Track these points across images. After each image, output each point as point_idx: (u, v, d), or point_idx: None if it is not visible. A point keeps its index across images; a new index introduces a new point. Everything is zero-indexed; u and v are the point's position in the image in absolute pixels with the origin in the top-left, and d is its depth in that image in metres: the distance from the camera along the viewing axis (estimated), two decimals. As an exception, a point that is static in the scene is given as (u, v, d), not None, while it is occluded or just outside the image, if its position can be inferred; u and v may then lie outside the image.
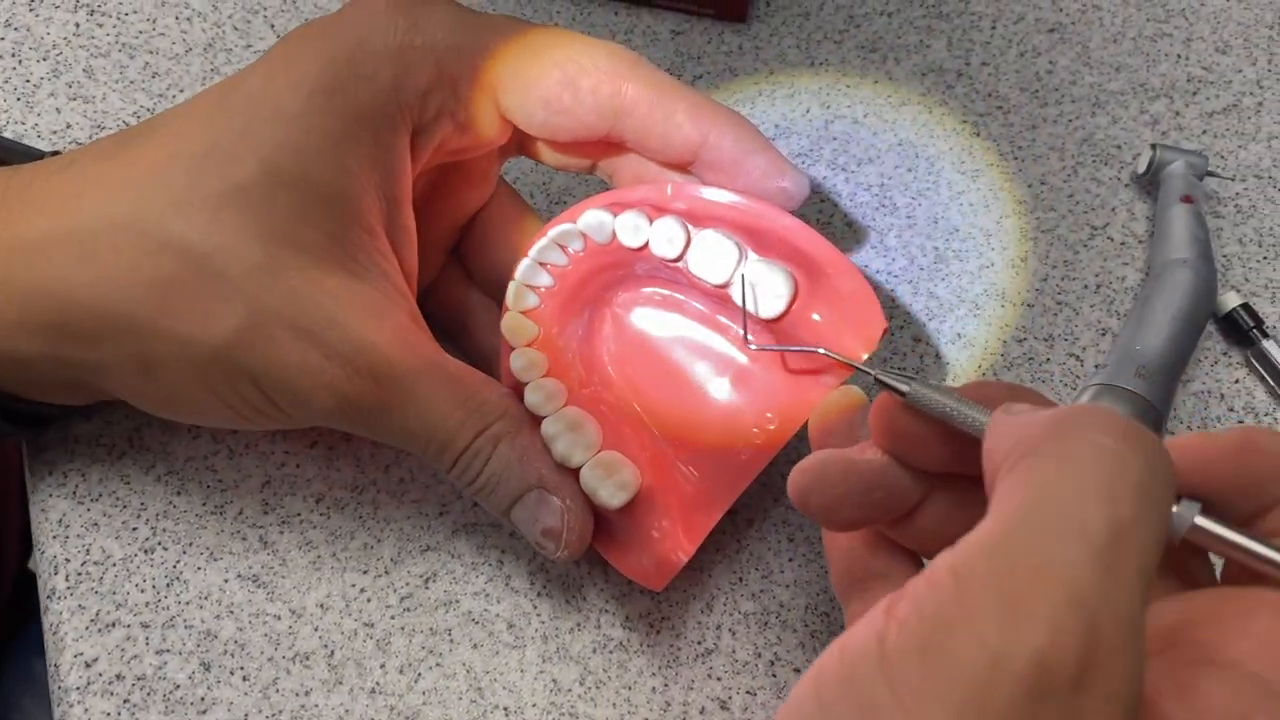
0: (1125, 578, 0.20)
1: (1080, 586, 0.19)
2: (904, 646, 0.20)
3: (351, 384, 0.31)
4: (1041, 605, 0.19)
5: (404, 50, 0.31)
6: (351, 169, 0.31)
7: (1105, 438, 0.22)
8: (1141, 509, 0.21)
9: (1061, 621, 0.19)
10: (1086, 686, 0.19)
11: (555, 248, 0.34)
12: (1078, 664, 0.19)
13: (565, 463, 0.32)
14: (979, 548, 0.21)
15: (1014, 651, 0.19)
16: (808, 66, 0.46)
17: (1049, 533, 0.20)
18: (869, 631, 0.21)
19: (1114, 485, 0.21)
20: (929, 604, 0.20)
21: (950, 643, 0.19)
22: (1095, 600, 0.19)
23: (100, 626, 0.35)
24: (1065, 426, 0.22)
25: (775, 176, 0.33)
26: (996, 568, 0.20)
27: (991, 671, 0.19)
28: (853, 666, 0.21)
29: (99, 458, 0.37)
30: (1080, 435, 0.22)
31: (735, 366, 0.34)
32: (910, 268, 0.42)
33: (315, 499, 0.37)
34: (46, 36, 0.45)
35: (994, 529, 0.21)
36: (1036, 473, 0.21)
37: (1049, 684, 0.19)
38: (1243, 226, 0.44)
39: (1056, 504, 0.21)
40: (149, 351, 0.30)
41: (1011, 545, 0.20)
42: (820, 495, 0.28)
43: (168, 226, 0.30)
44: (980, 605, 0.20)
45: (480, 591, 0.36)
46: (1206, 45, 0.48)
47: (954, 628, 0.19)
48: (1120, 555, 0.20)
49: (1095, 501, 0.20)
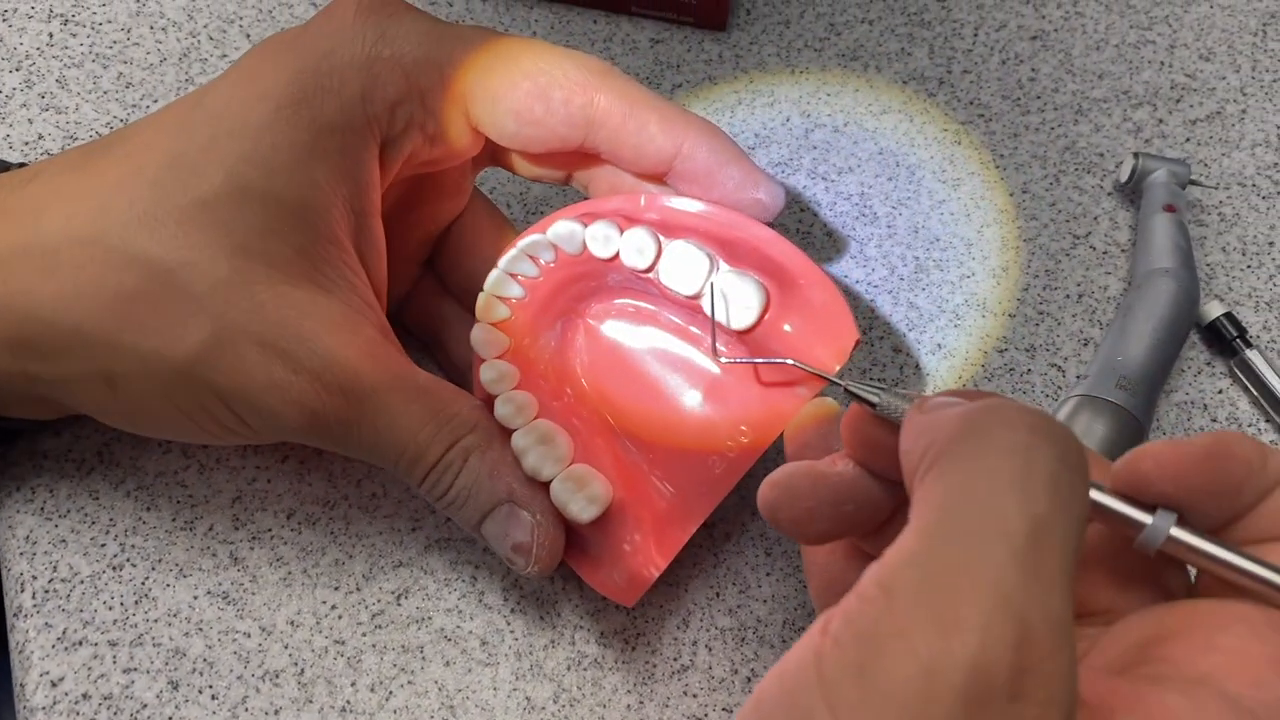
0: (1050, 575, 0.20)
1: (1007, 589, 0.19)
2: (839, 665, 0.20)
3: (320, 399, 0.30)
4: (970, 612, 0.19)
5: (372, 62, 0.31)
6: (319, 182, 0.31)
7: (1013, 433, 0.21)
8: (1057, 502, 0.20)
9: (992, 627, 0.19)
10: (1023, 693, 0.19)
11: (525, 259, 0.33)
12: (1012, 669, 0.19)
13: (536, 476, 0.32)
14: (903, 558, 0.20)
15: (947, 662, 0.19)
16: (788, 74, 0.46)
17: (969, 537, 0.20)
18: (806, 652, 0.21)
19: (1027, 481, 0.20)
20: (860, 620, 0.20)
21: (883, 658, 0.19)
22: (1023, 602, 0.19)
23: (67, 645, 0.34)
24: (973, 424, 0.22)
25: (750, 188, 0.33)
26: (922, 578, 0.20)
27: (927, 685, 0.19)
28: (792, 689, 0.21)
29: (68, 473, 0.37)
30: (988, 432, 0.22)
31: (708, 379, 0.33)
32: (890, 278, 0.42)
33: (286, 514, 0.37)
34: (19, 47, 0.44)
35: (915, 538, 0.21)
36: (950, 475, 0.21)
37: (985, 693, 0.19)
38: (1226, 235, 0.43)
39: (973, 506, 0.20)
40: (113, 367, 0.30)
41: (934, 553, 0.20)
42: (789, 509, 0.27)
43: (132, 241, 0.29)
44: (910, 618, 0.19)
45: (453, 608, 0.36)
46: (1190, 52, 0.47)
47: (886, 643, 0.19)
48: (1042, 552, 0.20)
49: (1010, 500, 0.20)
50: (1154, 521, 0.23)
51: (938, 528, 0.21)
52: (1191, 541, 0.23)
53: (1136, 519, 0.24)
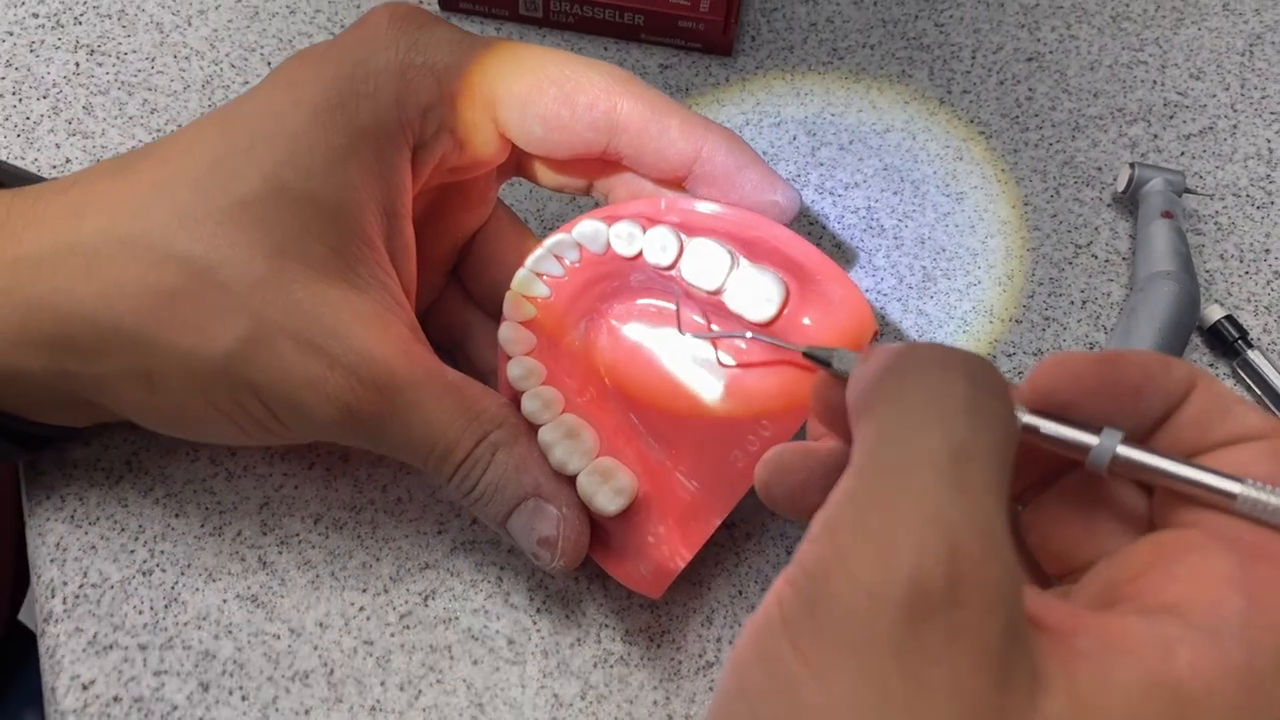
0: (975, 490, 0.21)
1: (934, 507, 0.21)
2: (796, 604, 0.21)
3: (355, 394, 0.31)
4: (903, 533, 0.20)
5: (405, 68, 0.32)
6: (354, 184, 0.32)
7: (928, 368, 0.23)
8: (975, 423, 0.22)
9: (925, 544, 0.20)
10: (961, 600, 0.20)
11: (551, 258, 0.34)
12: (946, 578, 0.20)
13: (562, 470, 0.32)
14: (842, 496, 0.22)
15: (887, 583, 0.20)
16: (793, 97, 0.48)
17: (896, 467, 0.22)
18: (771, 600, 0.22)
19: (944, 408, 0.22)
20: (809, 560, 0.22)
21: (831, 590, 0.21)
22: (952, 517, 0.21)
23: (98, 649, 0.35)
24: (891, 366, 0.24)
25: (768, 190, 0.34)
26: (859, 511, 0.21)
27: (871, 607, 0.20)
28: (759, 634, 0.22)
29: (97, 481, 0.37)
30: (905, 371, 0.23)
31: (729, 376, 0.34)
32: (899, 286, 0.43)
33: (314, 519, 0.37)
34: (47, 76, 0.46)
35: (850, 477, 0.22)
36: (876, 413, 0.23)
37: (925, 604, 0.20)
38: (1223, 243, 0.45)
39: (897, 439, 0.22)
40: (151, 365, 0.31)
41: (867, 487, 0.22)
42: (781, 484, 0.28)
43: (172, 240, 0.30)
44: (851, 549, 0.21)
45: (480, 608, 0.36)
46: (1180, 72, 0.49)
47: (832, 574, 0.21)
48: (965, 470, 0.21)
49: (930, 428, 0.22)
50: (1100, 440, 0.24)
51: (869, 464, 0.22)
52: (1138, 458, 0.24)
53: (1082, 441, 0.25)
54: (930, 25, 0.50)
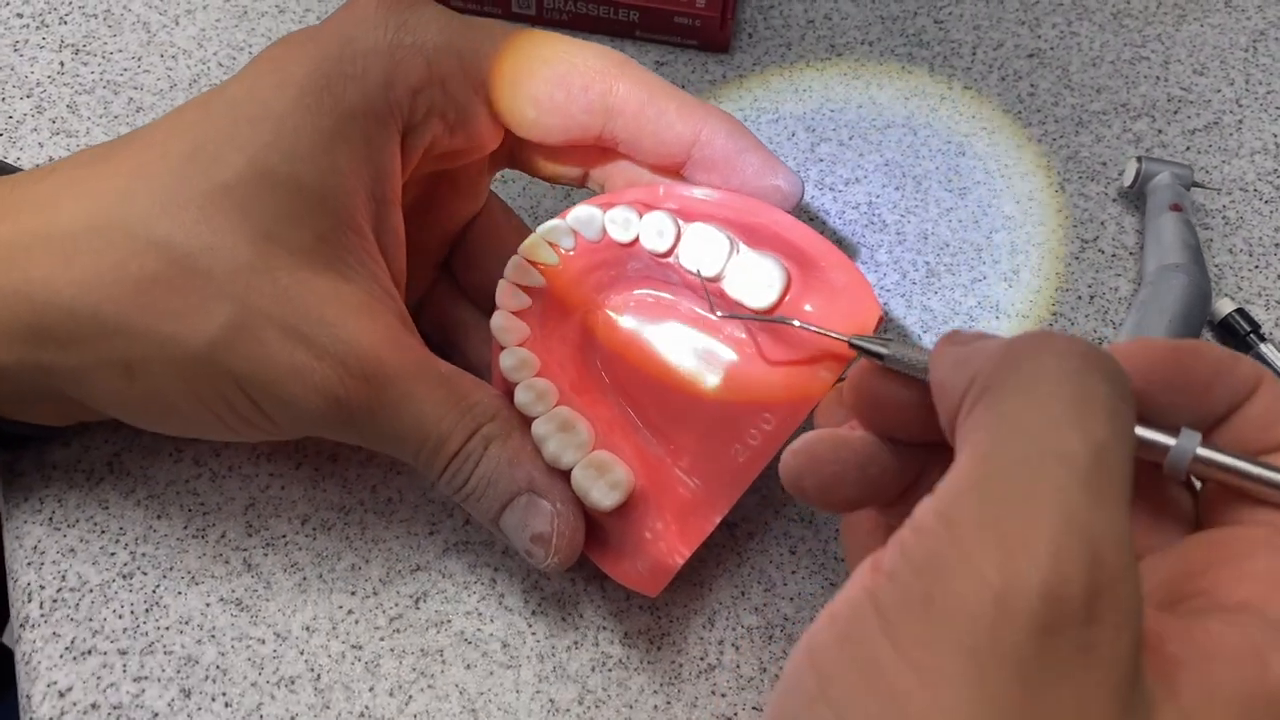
0: (1114, 499, 0.20)
1: (1074, 511, 0.19)
2: (900, 599, 0.19)
3: (343, 385, 0.30)
4: (1039, 536, 0.19)
5: (394, 49, 0.31)
6: (341, 168, 0.31)
7: (1066, 360, 0.21)
8: (1115, 428, 0.20)
9: (1063, 550, 0.18)
10: (1096, 615, 0.18)
11: (545, 245, 0.33)
12: (1085, 592, 0.18)
13: (556, 463, 0.31)
14: (963, 487, 0.20)
15: (1019, 587, 0.18)
16: (792, 93, 0.47)
17: (1030, 462, 0.20)
18: (859, 592, 0.20)
19: (1085, 408, 0.20)
20: (920, 552, 0.20)
21: (950, 587, 0.19)
22: (1091, 524, 0.19)
23: (75, 654, 0.33)
24: (1021, 354, 0.22)
25: (769, 174, 0.33)
26: (985, 504, 0.20)
27: (998, 611, 0.18)
28: (847, 628, 0.20)
29: (77, 483, 0.36)
30: (1039, 362, 0.22)
31: (729, 367, 0.33)
32: (903, 282, 0.42)
33: (301, 520, 0.36)
34: (31, 75, 0.45)
35: (972, 468, 0.20)
36: (1003, 404, 0.21)
37: (1059, 616, 0.18)
38: (1232, 237, 0.44)
39: (1032, 434, 0.20)
40: (131, 354, 0.30)
41: (996, 481, 0.20)
42: (814, 475, 0.27)
43: (153, 226, 0.29)
44: (976, 545, 0.19)
45: (473, 610, 0.35)
46: (1184, 67, 0.48)
47: (951, 572, 0.19)
48: (1105, 477, 0.20)
49: (1071, 426, 0.20)
50: (1179, 441, 0.23)
51: (996, 454, 0.20)
52: (1219, 459, 0.23)
53: (1161, 441, 0.24)
54: (929, 22, 0.49)
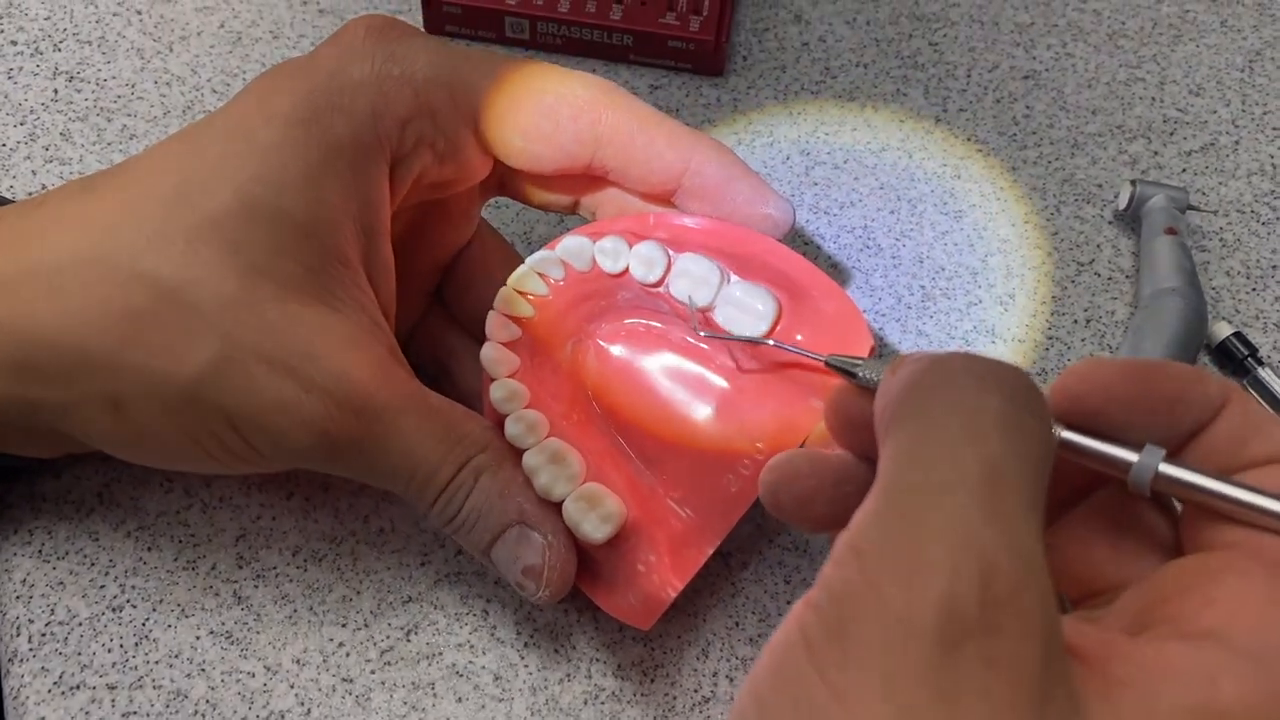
0: (1010, 511, 0.20)
1: (967, 529, 0.20)
2: (821, 629, 0.20)
3: (331, 419, 0.30)
4: (934, 556, 0.19)
5: (382, 80, 0.31)
6: (329, 200, 0.30)
7: (959, 380, 0.22)
8: (1009, 440, 0.21)
9: (958, 567, 0.19)
10: (997, 626, 0.19)
11: (535, 276, 0.33)
12: (981, 604, 0.19)
13: (547, 495, 0.31)
14: (869, 518, 0.21)
15: (918, 606, 0.19)
16: (786, 116, 0.47)
17: (926, 486, 0.20)
18: (792, 624, 0.21)
19: (977, 424, 0.21)
20: (836, 583, 0.20)
21: (858, 614, 0.20)
22: (985, 539, 0.19)
23: (64, 689, 0.33)
24: (921, 379, 0.22)
25: (759, 203, 0.33)
26: (886, 532, 0.20)
27: (903, 634, 0.19)
28: (781, 660, 0.21)
29: (66, 515, 0.36)
30: (935, 385, 0.22)
31: (721, 396, 0.33)
32: (898, 306, 0.42)
33: (292, 551, 0.36)
34: (24, 102, 0.45)
35: (876, 497, 0.21)
36: (904, 430, 0.22)
37: (959, 631, 0.19)
38: (1229, 259, 0.43)
39: (927, 457, 0.21)
40: (118, 389, 0.29)
41: (894, 507, 0.21)
42: (789, 491, 0.27)
43: (139, 260, 0.29)
44: (880, 572, 0.20)
45: (465, 643, 0.34)
46: (1180, 88, 0.48)
47: (862, 599, 0.20)
48: (1000, 490, 0.20)
49: (962, 445, 0.21)
50: (1141, 458, 0.23)
51: (896, 483, 0.21)
52: (1183, 476, 0.23)
53: (1122, 457, 0.23)
54: (924, 44, 0.49)
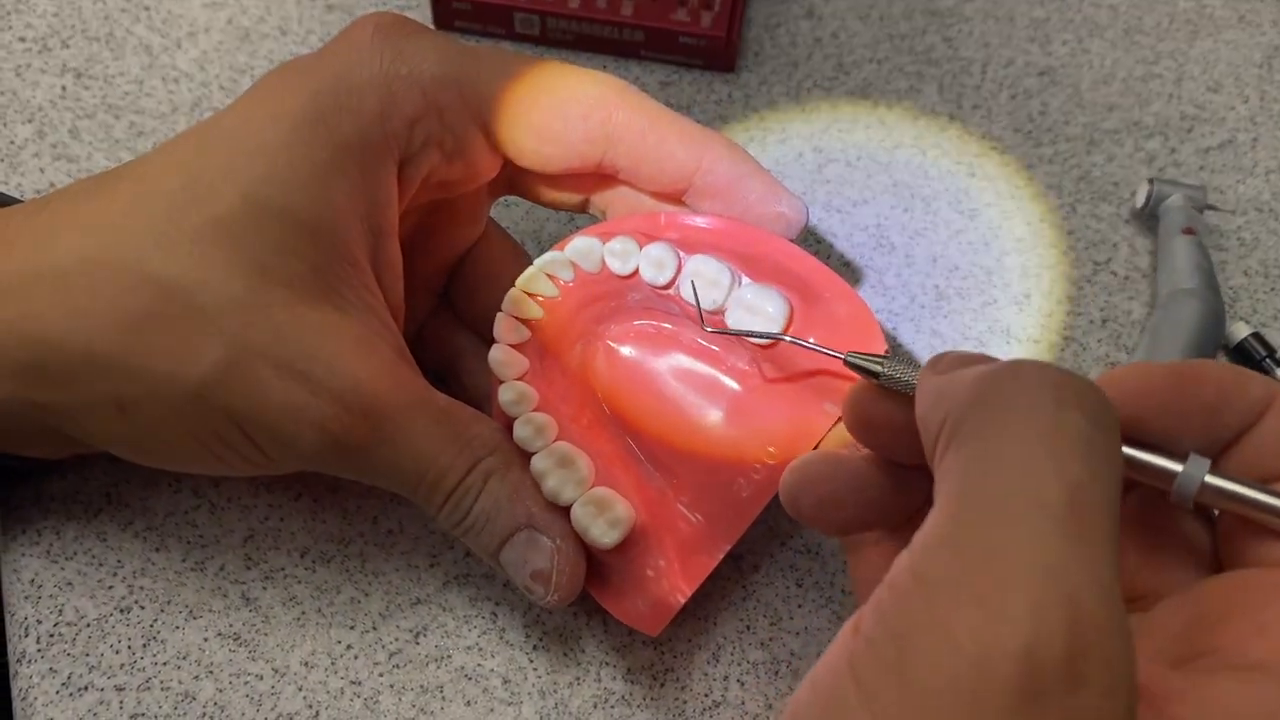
0: (1096, 543, 0.18)
1: (1052, 564, 0.18)
2: (876, 666, 0.18)
3: (339, 421, 0.29)
4: (1016, 594, 0.17)
5: (389, 79, 0.31)
6: (336, 200, 0.30)
7: (1037, 394, 0.20)
8: (1093, 465, 0.19)
9: (1042, 609, 0.17)
10: (1083, 679, 0.17)
11: (544, 277, 0.33)
12: (1067, 651, 0.17)
13: (555, 500, 0.30)
14: (935, 541, 0.19)
15: (997, 651, 0.17)
16: (799, 112, 0.46)
17: (1003, 511, 0.18)
18: (839, 655, 0.19)
19: (1058, 446, 0.19)
20: (894, 614, 0.19)
21: (924, 654, 0.18)
22: (1071, 576, 0.18)
23: (72, 690, 0.33)
24: (991, 387, 0.21)
25: (772, 201, 0.32)
26: (958, 560, 0.18)
27: (977, 679, 0.17)
28: (826, 697, 0.19)
29: (75, 515, 0.36)
30: (1009, 395, 0.20)
31: (733, 400, 0.32)
32: (911, 305, 0.41)
33: (300, 553, 0.35)
34: (32, 99, 0.44)
35: (945, 518, 0.19)
36: (973, 446, 0.20)
37: (1042, 682, 0.17)
38: (1247, 259, 0.43)
39: (1003, 478, 0.19)
40: (124, 392, 0.29)
41: (968, 533, 0.19)
42: (810, 494, 0.26)
43: (145, 261, 0.29)
44: (950, 605, 0.18)
45: (473, 645, 0.34)
46: (1197, 85, 0.48)
47: (925, 636, 0.18)
48: (1084, 520, 0.18)
49: (1044, 467, 0.19)
50: (1186, 468, 0.22)
51: (968, 504, 0.19)
52: (1229, 487, 0.22)
53: (1167, 468, 0.22)
54: (939, 40, 0.49)
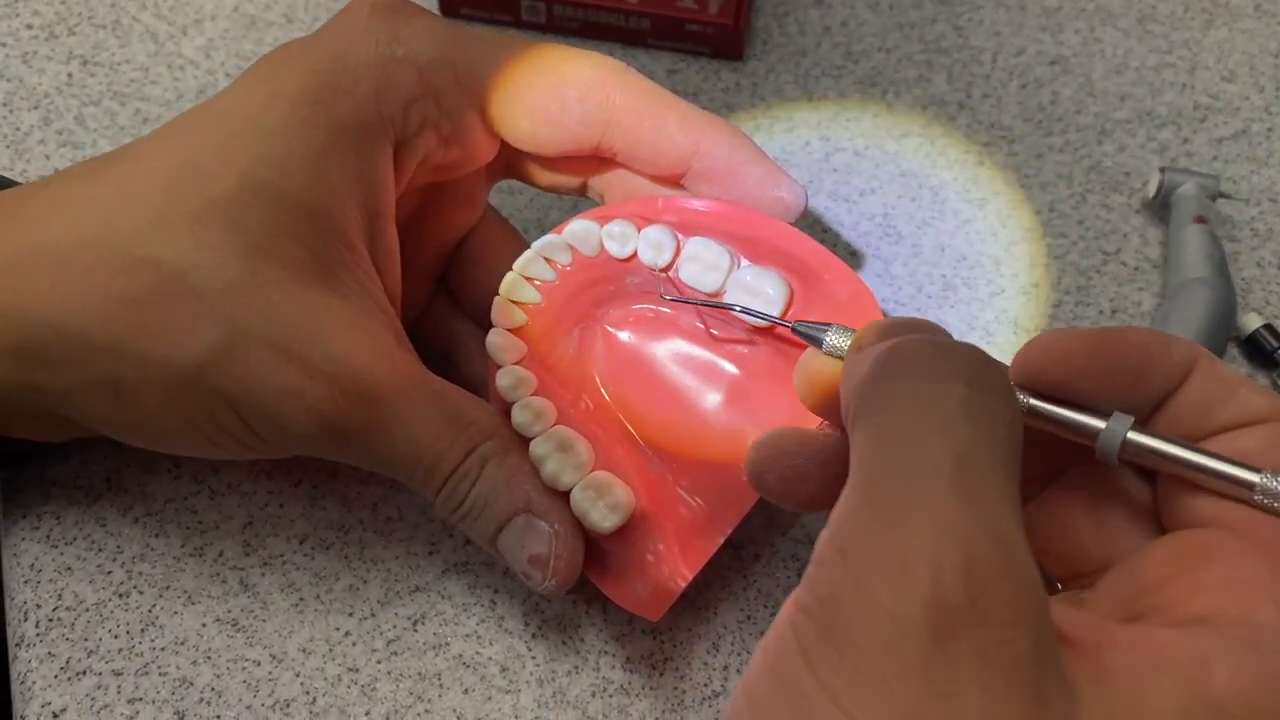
0: (986, 497, 0.20)
1: (946, 519, 0.19)
2: (813, 630, 0.20)
3: (335, 405, 0.29)
4: (917, 550, 0.19)
5: (386, 61, 0.31)
6: (333, 182, 0.30)
7: (919, 368, 0.22)
8: (976, 425, 0.21)
9: (939, 558, 0.19)
10: (985, 615, 0.19)
11: (541, 261, 0.32)
12: (968, 594, 0.19)
13: (554, 484, 0.30)
14: (847, 515, 0.21)
15: (907, 601, 0.19)
16: (806, 101, 0.46)
17: (899, 480, 0.20)
18: (783, 625, 0.21)
19: (941, 413, 0.21)
20: (822, 584, 0.20)
21: (849, 614, 0.19)
22: (964, 527, 0.19)
23: (70, 674, 0.33)
24: (882, 367, 0.22)
25: (771, 185, 0.32)
26: (868, 530, 0.20)
27: (894, 632, 0.19)
28: (774, 663, 0.21)
29: (75, 500, 0.36)
30: (897, 373, 0.22)
31: (732, 383, 0.32)
32: (918, 295, 0.41)
33: (299, 539, 0.35)
34: (39, 86, 0.45)
35: (853, 491, 0.21)
36: (872, 422, 0.22)
37: (949, 622, 0.19)
38: (1260, 250, 0.42)
39: (896, 449, 0.21)
40: (120, 374, 0.29)
41: (873, 503, 0.20)
42: (775, 470, 0.26)
43: (142, 243, 0.29)
44: (864, 569, 0.20)
45: (472, 633, 0.34)
46: (1212, 74, 0.47)
47: (848, 598, 0.20)
48: (972, 477, 0.20)
49: (930, 435, 0.20)
50: (1109, 425, 0.23)
51: (871, 477, 0.21)
52: (1151, 444, 0.23)
53: (1089, 425, 0.23)
54: (949, 29, 0.48)
